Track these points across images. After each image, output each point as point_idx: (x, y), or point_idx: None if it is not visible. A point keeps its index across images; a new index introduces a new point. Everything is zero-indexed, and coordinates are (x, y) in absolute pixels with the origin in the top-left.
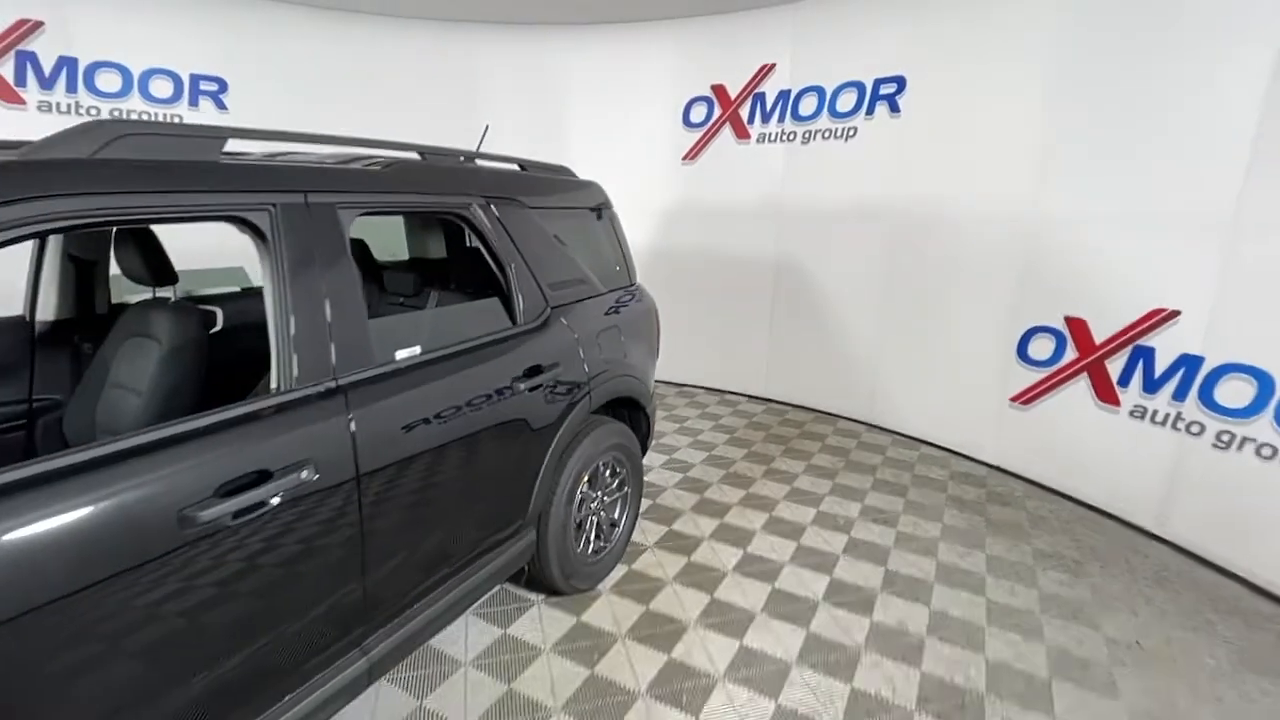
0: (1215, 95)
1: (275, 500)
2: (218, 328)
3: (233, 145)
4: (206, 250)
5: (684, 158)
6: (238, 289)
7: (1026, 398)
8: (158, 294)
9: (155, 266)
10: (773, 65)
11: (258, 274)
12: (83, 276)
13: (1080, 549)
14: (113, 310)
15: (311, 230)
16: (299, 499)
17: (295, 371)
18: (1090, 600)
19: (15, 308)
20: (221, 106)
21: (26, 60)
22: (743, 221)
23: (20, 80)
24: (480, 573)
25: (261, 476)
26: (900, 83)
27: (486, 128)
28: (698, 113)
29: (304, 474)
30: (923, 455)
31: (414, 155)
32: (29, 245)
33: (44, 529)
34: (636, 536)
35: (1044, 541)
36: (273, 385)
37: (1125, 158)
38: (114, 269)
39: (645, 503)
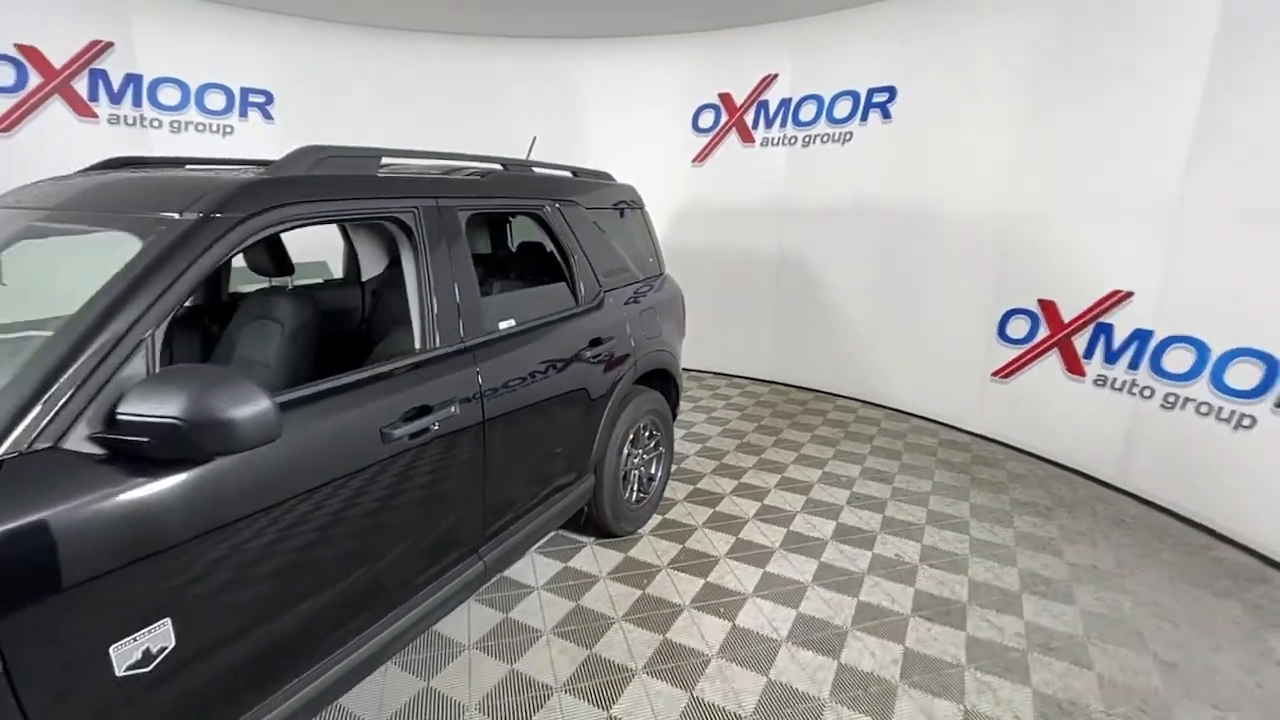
0: (1160, 104)
1: (435, 427)
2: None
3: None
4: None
5: (693, 160)
6: (320, 280)
7: (1006, 372)
8: (274, 283)
9: (278, 260)
10: (775, 75)
11: (338, 268)
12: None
13: (1052, 499)
14: (230, 298)
15: (442, 228)
16: (447, 432)
17: (437, 336)
18: (1058, 537)
19: None
20: (268, 117)
21: (98, 78)
22: (748, 219)
23: (93, 96)
24: (558, 505)
25: (424, 410)
26: (891, 92)
27: (534, 139)
28: (706, 119)
29: (452, 409)
30: (914, 426)
31: (498, 166)
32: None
33: (321, 428)
34: (666, 494)
35: (1020, 494)
36: (417, 345)
37: (1086, 158)
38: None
39: (672, 467)
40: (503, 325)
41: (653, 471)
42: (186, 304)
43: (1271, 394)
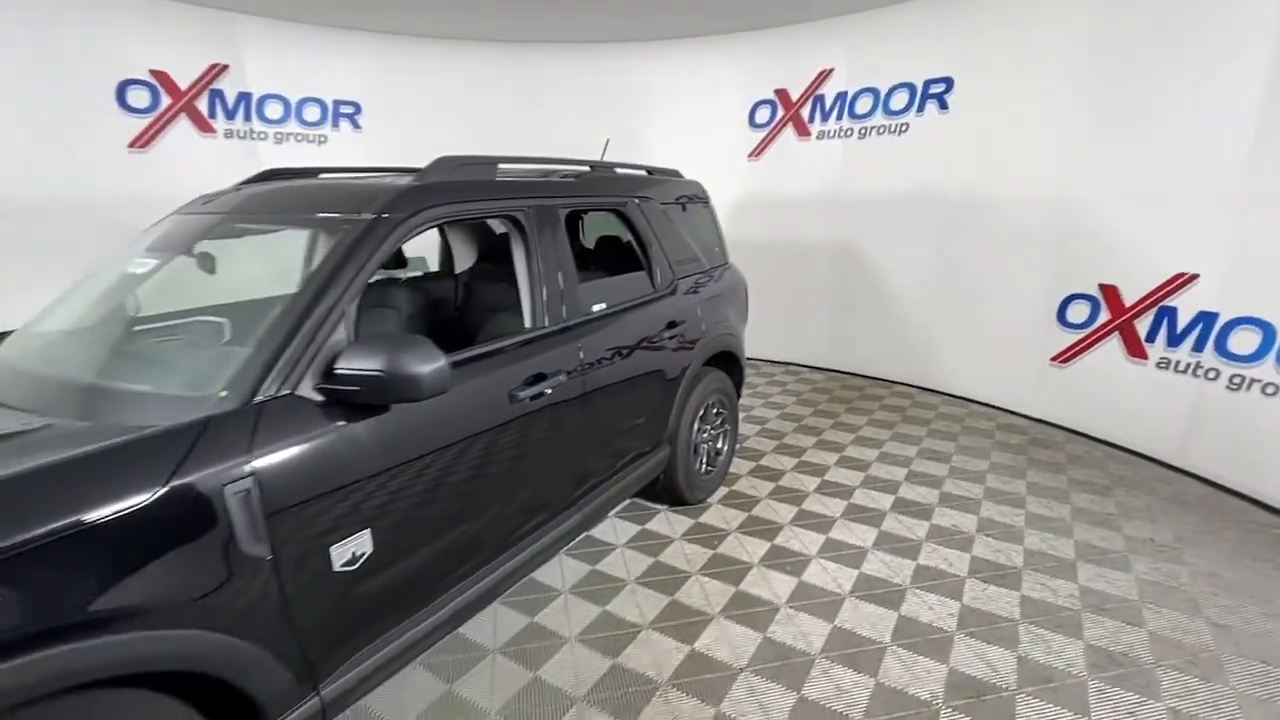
0: (1223, 88)
1: (548, 392)
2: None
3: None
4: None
5: (749, 155)
6: (420, 273)
7: (1065, 357)
8: (392, 274)
9: (396, 255)
10: (831, 70)
11: (434, 262)
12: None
13: (1110, 478)
14: None
15: (547, 223)
16: (557, 400)
17: (546, 316)
18: (1115, 513)
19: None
20: (356, 126)
21: (216, 97)
22: (806, 210)
23: (212, 113)
24: (640, 469)
25: (539, 377)
26: (948, 83)
27: (608, 141)
28: (762, 114)
29: (561, 376)
30: (971, 411)
31: (586, 168)
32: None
33: (469, 387)
34: (730, 470)
35: (1078, 473)
36: (527, 324)
37: (1146, 143)
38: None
39: (736, 445)
40: (595, 308)
41: (719, 446)
42: None
43: None
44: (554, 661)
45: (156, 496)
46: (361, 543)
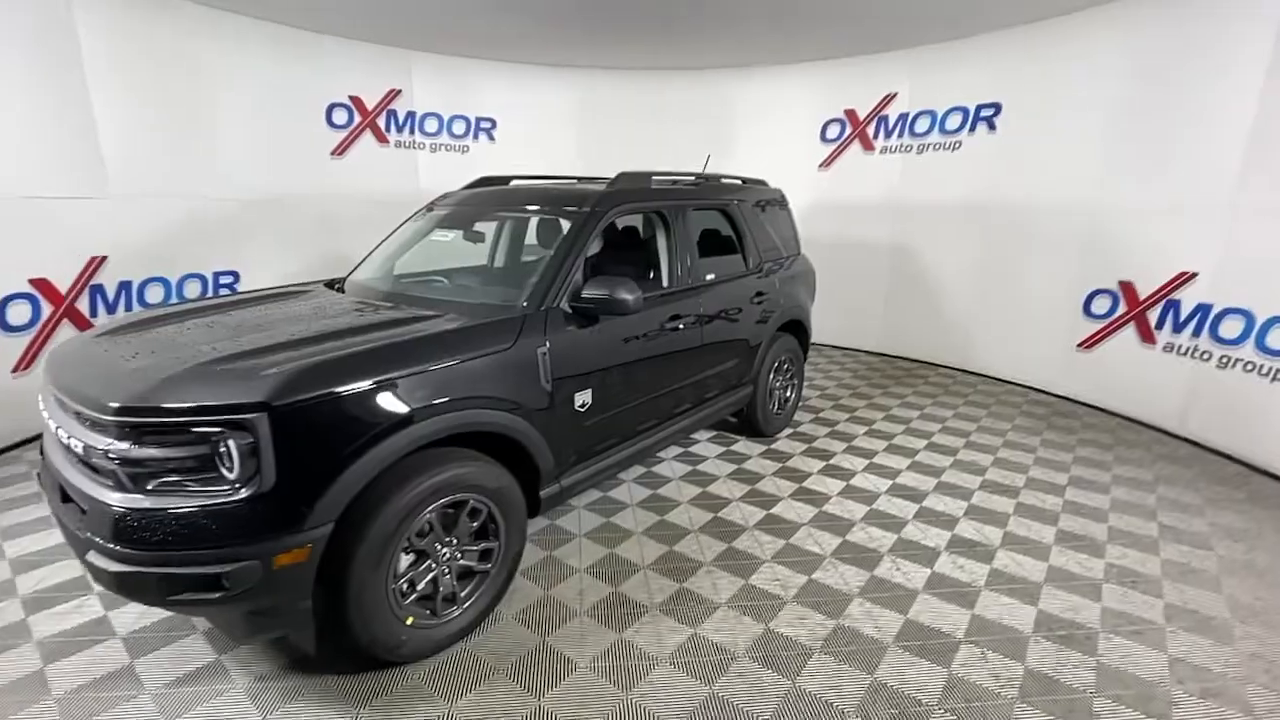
0: (1220, 115)
1: (680, 326)
2: None
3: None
4: None
5: (820, 166)
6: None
7: (1089, 343)
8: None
9: (516, 244)
10: (894, 94)
11: None
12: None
13: (1115, 438)
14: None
15: (680, 219)
16: (687, 333)
17: (679, 280)
18: (1110, 460)
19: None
20: (491, 139)
21: (391, 116)
22: (866, 215)
23: (388, 128)
24: (733, 396)
25: (677, 316)
26: (997, 107)
27: (709, 156)
28: (832, 131)
29: (690, 318)
30: (1005, 389)
31: (700, 178)
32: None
33: (644, 315)
34: (794, 418)
35: (1088, 434)
36: (665, 285)
37: (1159, 159)
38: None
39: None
40: (708, 277)
41: (787, 394)
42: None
43: None
44: (650, 528)
45: (510, 347)
46: (586, 396)
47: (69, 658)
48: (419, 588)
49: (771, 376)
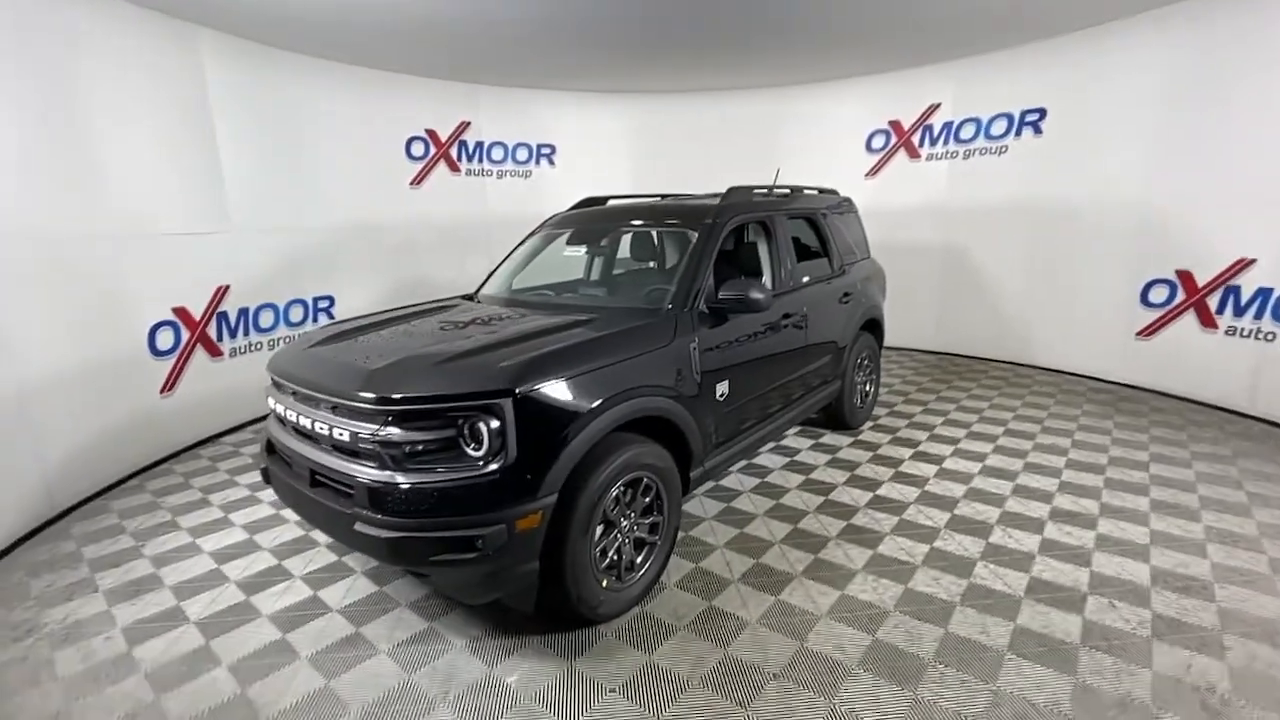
0: (1274, 110)
1: (797, 315)
2: None
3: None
4: None
5: (866, 175)
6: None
7: (1148, 331)
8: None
9: (644, 254)
10: (939, 104)
11: None
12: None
13: (1184, 420)
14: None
15: (779, 227)
16: (793, 332)
17: (782, 282)
18: (1185, 439)
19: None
20: (552, 164)
21: (461, 146)
22: (914, 219)
23: (459, 157)
24: (826, 390)
25: (788, 315)
26: (1042, 112)
27: (779, 170)
28: (878, 141)
29: (796, 316)
30: (1066, 380)
31: (789, 189)
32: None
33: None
34: (874, 413)
35: (1157, 417)
36: (769, 285)
37: (1213, 155)
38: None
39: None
40: (804, 279)
41: (868, 389)
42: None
43: None
44: (770, 510)
45: (669, 343)
46: (724, 386)
47: (300, 628)
48: (608, 556)
49: (854, 373)
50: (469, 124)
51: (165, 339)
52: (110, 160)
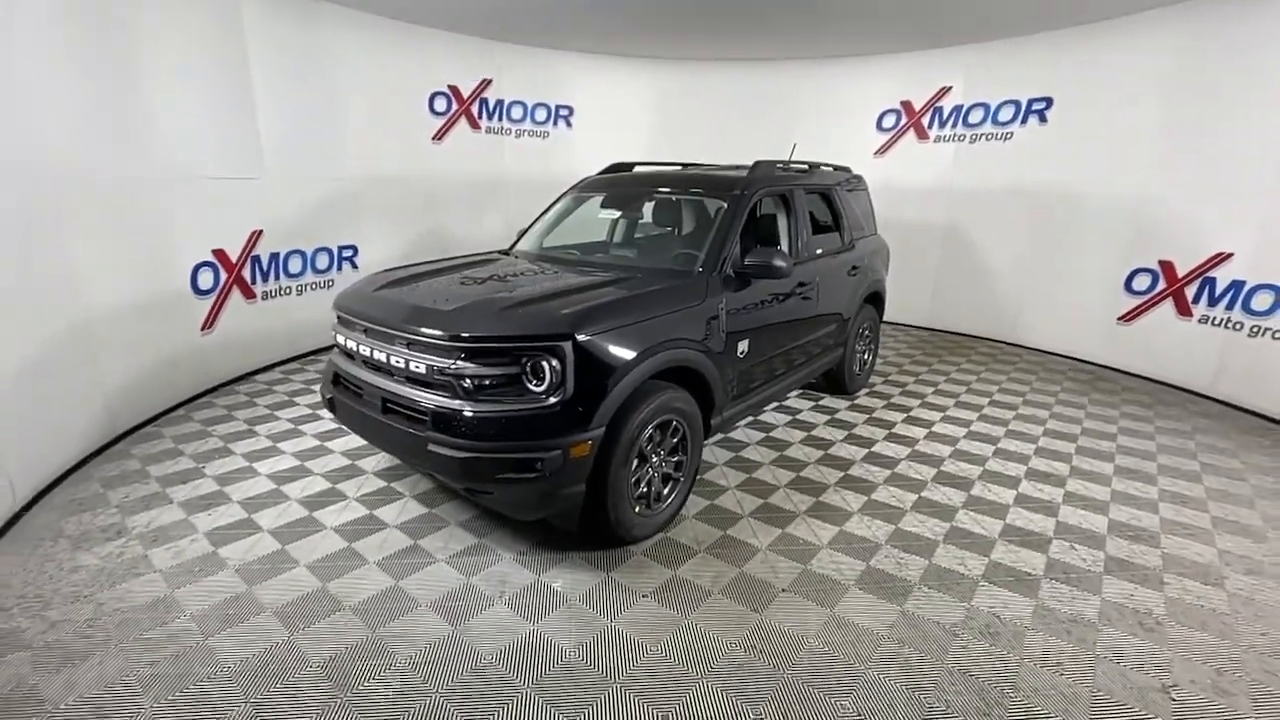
0: (1260, 112)
1: (810, 284)
2: None
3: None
4: None
5: (875, 153)
6: None
7: (1129, 317)
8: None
9: (674, 220)
10: (950, 87)
11: None
12: (630, 226)
13: (1153, 399)
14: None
15: (797, 200)
16: (806, 301)
17: (798, 253)
18: (1151, 415)
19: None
20: (569, 125)
21: (483, 104)
22: (918, 199)
23: (480, 115)
24: (829, 357)
25: (803, 284)
26: (1049, 101)
27: (794, 145)
28: (888, 120)
29: (812, 281)
30: (1050, 359)
31: (806, 165)
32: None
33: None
34: (869, 383)
35: (1129, 396)
36: (789, 252)
37: (1204, 151)
38: (645, 220)
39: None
40: (817, 250)
41: (866, 357)
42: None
43: None
44: (775, 460)
45: (701, 302)
46: (745, 344)
47: (363, 539)
48: (640, 486)
49: (856, 341)
50: (490, 81)
51: (206, 279)
52: (155, 107)
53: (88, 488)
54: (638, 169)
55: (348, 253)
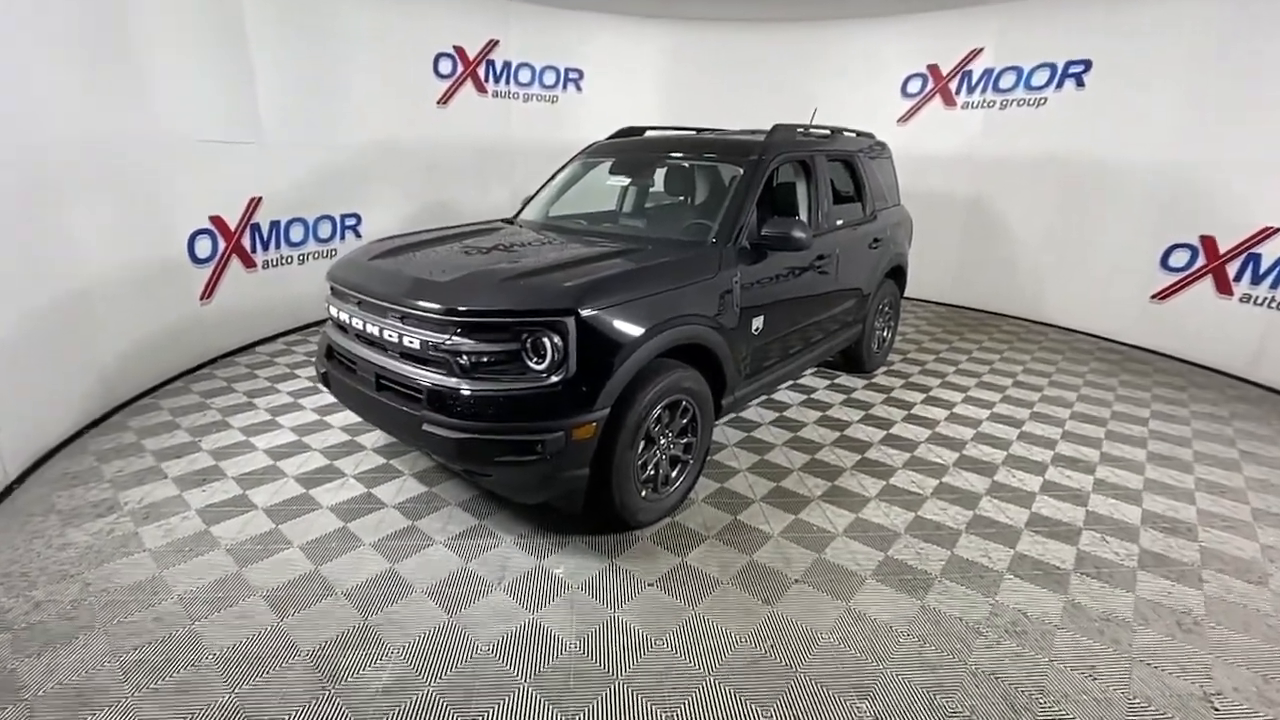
0: None
1: (829, 257)
2: None
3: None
4: None
5: (898, 121)
6: None
7: (1164, 295)
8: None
9: (686, 187)
10: (980, 49)
11: None
12: (640, 194)
13: (1187, 381)
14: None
15: (818, 167)
16: (826, 274)
17: (818, 224)
18: (1185, 399)
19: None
20: (579, 89)
21: (489, 66)
22: (942, 169)
23: (486, 78)
24: (848, 333)
25: (823, 257)
26: (1087, 65)
27: (815, 110)
28: (913, 86)
29: (832, 254)
30: (1077, 338)
31: (828, 130)
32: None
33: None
34: (888, 360)
35: (1161, 378)
36: (808, 222)
37: (1248, 119)
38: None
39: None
40: (838, 222)
41: (885, 334)
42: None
43: None
44: (789, 441)
45: (713, 276)
46: (760, 321)
47: (359, 519)
48: (647, 469)
49: (875, 317)
50: (497, 42)
51: (203, 247)
52: (150, 70)
53: (82, 461)
54: (649, 133)
55: (351, 221)
